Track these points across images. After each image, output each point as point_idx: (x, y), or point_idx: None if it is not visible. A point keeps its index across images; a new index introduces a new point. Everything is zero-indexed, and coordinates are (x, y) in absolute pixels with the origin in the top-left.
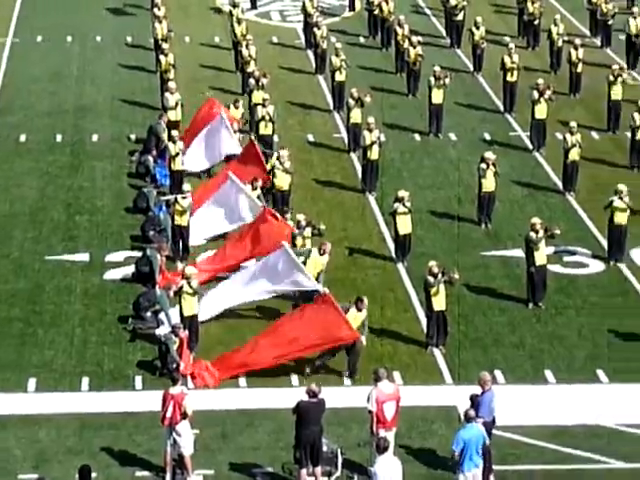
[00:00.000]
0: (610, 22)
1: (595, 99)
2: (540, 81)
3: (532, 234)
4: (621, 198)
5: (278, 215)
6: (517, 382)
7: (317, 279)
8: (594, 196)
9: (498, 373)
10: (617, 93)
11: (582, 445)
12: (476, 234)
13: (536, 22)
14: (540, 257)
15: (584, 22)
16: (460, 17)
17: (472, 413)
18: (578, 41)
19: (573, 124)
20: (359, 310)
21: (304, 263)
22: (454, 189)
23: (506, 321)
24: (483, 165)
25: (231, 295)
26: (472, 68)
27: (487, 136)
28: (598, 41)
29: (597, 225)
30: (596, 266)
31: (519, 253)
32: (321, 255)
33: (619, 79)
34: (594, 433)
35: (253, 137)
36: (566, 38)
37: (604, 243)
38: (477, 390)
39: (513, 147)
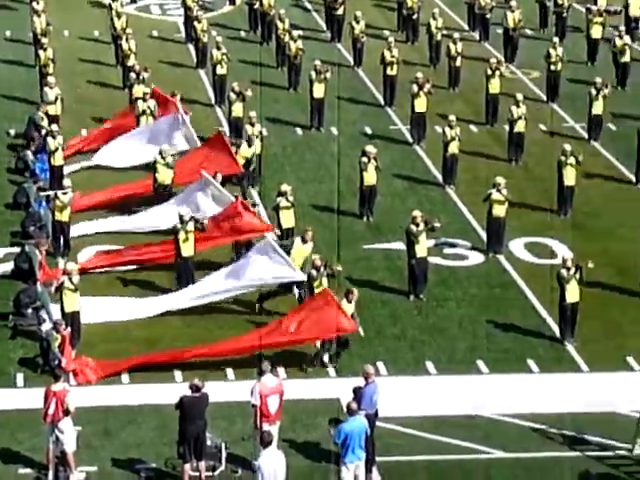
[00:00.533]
0: (488, 16)
1: (473, 93)
2: (419, 75)
3: (413, 227)
4: (499, 191)
5: (250, 207)
6: (399, 373)
7: (302, 269)
8: (473, 189)
9: (380, 365)
10: (495, 87)
11: (462, 435)
12: (358, 227)
13: (415, 16)
14: (421, 250)
15: (462, 16)
16: (340, 11)
17: (354, 406)
18: (457, 35)
19: (452, 117)
20: (349, 302)
21: (288, 254)
22: (336, 183)
23: (388, 313)
24: (364, 159)
25: (215, 288)
26: (352, 62)
27: (368, 130)
28: (476, 35)
29: (476, 217)
30: (475, 258)
31: (400, 246)
32: (304, 244)
33: (497, 73)
34: (474, 423)
35: (220, 129)
36: (445, 32)
37: (483, 235)
38: (360, 382)
39: (394, 141)
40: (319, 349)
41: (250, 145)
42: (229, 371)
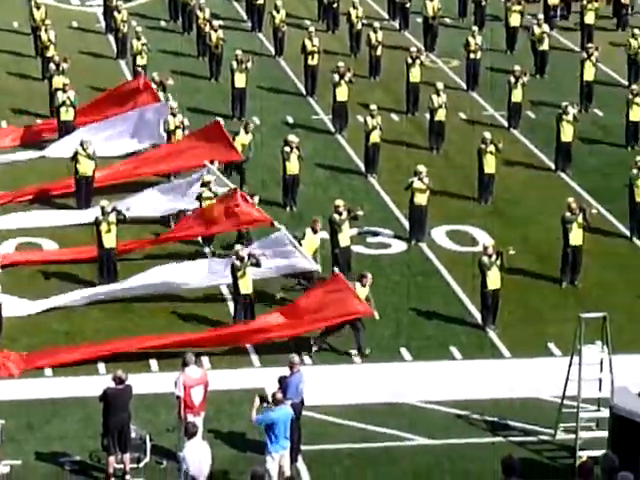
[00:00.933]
0: (407, 5)
1: (394, 81)
2: (340, 64)
3: (336, 216)
4: (421, 179)
5: (249, 198)
6: (324, 362)
7: (314, 258)
8: (395, 177)
9: (305, 354)
10: (415, 75)
11: (387, 423)
12: (282, 216)
13: (335, 5)
14: (344, 238)
15: (382, 5)
16: (261, 1)
17: (280, 395)
18: (377, 24)
19: (373, 107)
20: (363, 286)
21: (299, 244)
22: (258, 173)
23: None
24: (287, 148)
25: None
26: (273, 52)
27: (290, 119)
28: (396, 24)
29: (398, 206)
30: (398, 246)
31: (324, 235)
32: (315, 234)
33: (417, 61)
34: (398, 411)
35: (219, 119)
36: (365, 21)
37: (406, 224)
38: (285, 372)
39: (315, 130)
40: (325, 331)
41: (247, 132)
42: (153, 362)
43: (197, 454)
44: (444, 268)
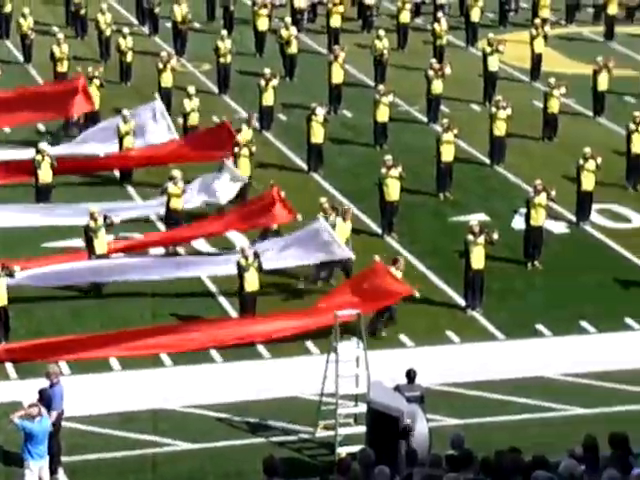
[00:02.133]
0: (156, 10)
1: (146, 87)
2: (90, 69)
3: (92, 223)
4: (176, 184)
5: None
6: (82, 372)
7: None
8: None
9: (63, 365)
10: (167, 80)
11: (149, 429)
12: None
13: (83, 11)
14: (100, 246)
15: (131, 10)
16: (8, 9)
17: (35, 411)
18: (126, 30)
19: (126, 112)
20: (397, 270)
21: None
22: None
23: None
24: (38, 157)
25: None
26: (22, 59)
27: (42, 127)
28: (146, 29)
29: None
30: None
31: (80, 243)
32: (345, 222)
33: (168, 66)
34: (160, 417)
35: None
36: (114, 27)
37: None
38: (44, 384)
39: None
40: (374, 317)
41: (249, 128)
42: None
43: None
44: None
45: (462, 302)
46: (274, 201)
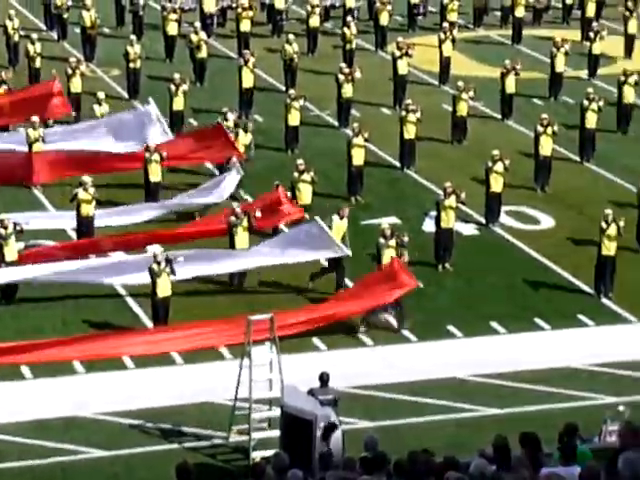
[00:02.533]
0: (65, 15)
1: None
2: (3, 74)
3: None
4: (86, 189)
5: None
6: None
7: (343, 243)
8: (62, 188)
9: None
10: (77, 86)
11: (62, 437)
12: None
13: None
14: (10, 253)
15: (39, 16)
16: None
17: None
18: (35, 35)
19: (35, 119)
20: (341, 218)
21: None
22: None
23: None
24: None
25: (258, 257)
26: None
27: None
28: (55, 34)
29: None
30: None
31: None
32: (341, 220)
33: (77, 72)
34: (75, 424)
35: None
36: (22, 33)
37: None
38: None
39: None
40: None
41: (246, 132)
42: None
43: None
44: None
45: None
46: (281, 200)
